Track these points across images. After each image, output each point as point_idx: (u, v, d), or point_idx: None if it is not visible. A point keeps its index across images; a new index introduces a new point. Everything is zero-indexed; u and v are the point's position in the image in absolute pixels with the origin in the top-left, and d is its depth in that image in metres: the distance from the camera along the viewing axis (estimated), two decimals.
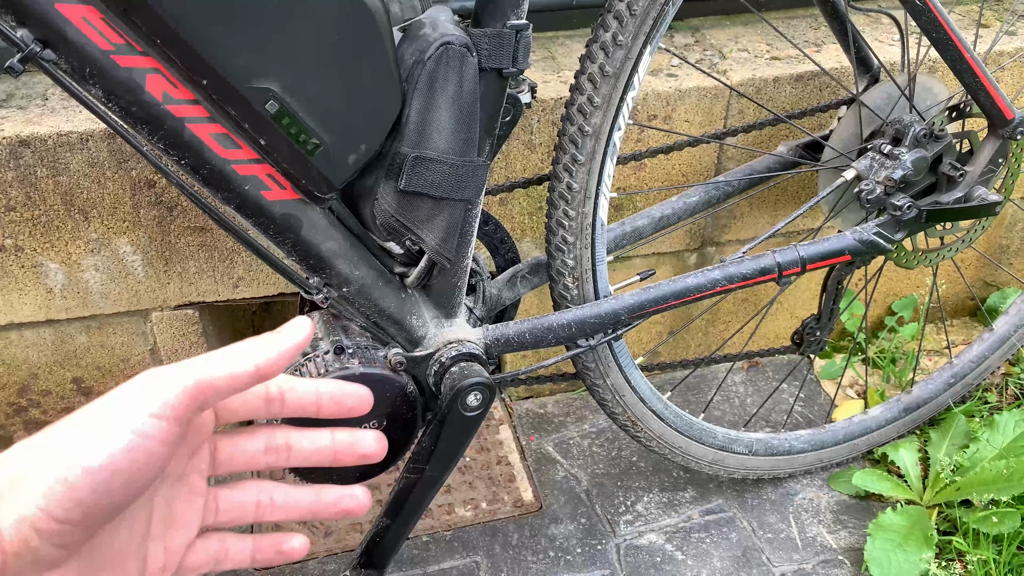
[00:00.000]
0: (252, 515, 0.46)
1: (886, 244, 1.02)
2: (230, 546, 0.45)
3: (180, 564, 0.43)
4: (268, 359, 0.41)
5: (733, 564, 1.21)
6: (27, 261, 1.11)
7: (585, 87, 0.87)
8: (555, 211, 0.93)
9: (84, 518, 0.35)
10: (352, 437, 0.47)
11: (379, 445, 0.47)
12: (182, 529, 0.43)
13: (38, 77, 1.15)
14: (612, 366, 1.04)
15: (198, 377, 0.38)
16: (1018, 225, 1.54)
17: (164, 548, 0.42)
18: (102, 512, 0.35)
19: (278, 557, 0.46)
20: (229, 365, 0.39)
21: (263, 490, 0.46)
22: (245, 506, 0.45)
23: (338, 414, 0.46)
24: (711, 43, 1.34)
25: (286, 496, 0.46)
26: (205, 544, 0.44)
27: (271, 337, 0.42)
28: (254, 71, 0.65)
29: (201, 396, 0.38)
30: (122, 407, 0.37)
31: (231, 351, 0.40)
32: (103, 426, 0.36)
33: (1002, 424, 1.28)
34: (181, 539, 0.43)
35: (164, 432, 0.37)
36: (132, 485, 0.36)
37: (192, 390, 0.38)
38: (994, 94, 1.00)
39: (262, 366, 0.40)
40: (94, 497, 0.35)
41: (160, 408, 0.37)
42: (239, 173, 0.71)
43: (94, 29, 0.61)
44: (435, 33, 0.73)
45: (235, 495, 0.46)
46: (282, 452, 0.46)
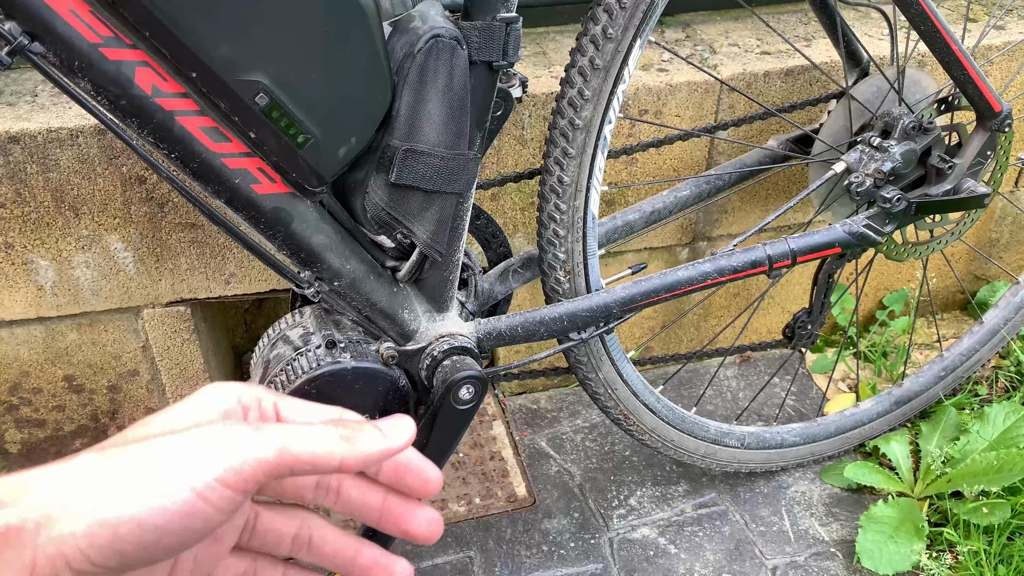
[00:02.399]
0: (287, 547, 0.43)
1: (876, 236, 1.02)
2: (260, 569, 0.43)
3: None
4: (356, 457, 0.37)
5: (726, 557, 1.22)
6: (17, 258, 1.10)
7: (575, 80, 0.87)
8: (546, 205, 0.93)
9: (120, 567, 0.33)
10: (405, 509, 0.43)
11: (431, 529, 0.43)
12: (217, 543, 0.41)
13: (27, 74, 1.15)
14: (604, 360, 1.05)
15: (281, 452, 0.35)
16: (1008, 219, 1.55)
17: (195, 557, 0.40)
18: (140, 563, 0.34)
19: None
20: (316, 449, 0.36)
21: (306, 525, 0.43)
22: (283, 536, 0.43)
23: (394, 485, 0.43)
24: (702, 38, 1.34)
25: (324, 540, 0.44)
26: (237, 562, 0.42)
27: (369, 433, 0.38)
28: (243, 64, 0.65)
29: (275, 473, 0.35)
30: (187, 457, 0.34)
31: (323, 435, 0.37)
32: (161, 474, 0.33)
33: (992, 416, 1.29)
34: (215, 552, 0.41)
35: (225, 500, 0.34)
36: (180, 544, 0.34)
37: (269, 466, 0.35)
38: (982, 87, 1.01)
39: (347, 462, 0.37)
40: (136, 551, 0.33)
41: (230, 475, 0.34)
42: (229, 167, 0.70)
43: (82, 22, 0.61)
44: (425, 26, 0.73)
45: (276, 521, 0.43)
46: (331, 492, 0.43)
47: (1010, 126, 1.05)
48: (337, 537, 0.44)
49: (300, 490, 0.43)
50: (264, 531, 0.43)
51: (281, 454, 0.35)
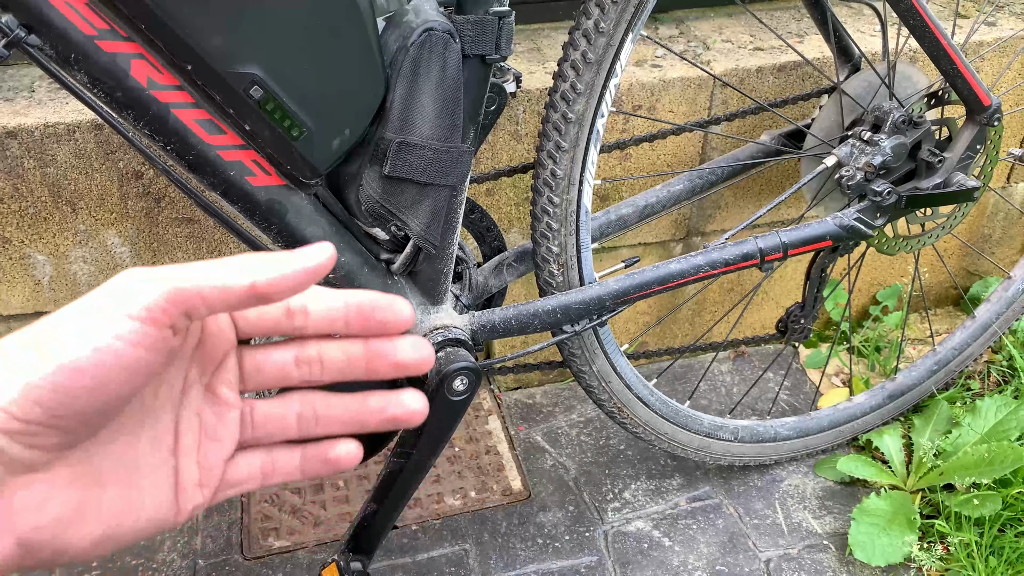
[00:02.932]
0: (294, 429, 0.42)
1: (867, 230, 1.03)
2: (276, 458, 0.42)
3: (222, 479, 0.41)
4: (269, 280, 0.36)
5: (720, 550, 1.22)
6: (15, 253, 1.11)
7: (568, 74, 0.88)
8: (540, 198, 0.94)
9: (49, 419, 0.33)
10: (387, 345, 0.41)
11: (419, 352, 0.41)
12: (216, 443, 0.41)
13: (25, 69, 1.16)
14: (598, 353, 1.05)
15: (181, 283, 0.35)
16: (1000, 214, 1.56)
17: (198, 462, 0.40)
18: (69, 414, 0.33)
19: (327, 467, 0.43)
20: (221, 276, 0.35)
21: (305, 401, 0.42)
22: (286, 419, 0.42)
23: (369, 331, 0.41)
24: (695, 34, 1.35)
25: (329, 406, 0.42)
26: (248, 459, 0.42)
27: (279, 256, 0.37)
28: (237, 56, 0.66)
29: (184, 303, 0.35)
30: (95, 307, 0.34)
31: (228, 262, 0.36)
32: (73, 326, 0.33)
33: (984, 410, 1.30)
34: (217, 454, 0.41)
35: (138, 335, 0.34)
36: (103, 389, 0.34)
37: (174, 294, 0.34)
38: (971, 81, 1.02)
39: (260, 285, 0.36)
40: (55, 397, 0.33)
41: (135, 309, 0.34)
42: (224, 159, 0.71)
43: (78, 14, 0.61)
44: (418, 20, 0.74)
45: (274, 408, 0.42)
46: (314, 365, 0.42)
47: (999, 120, 1.06)
48: (339, 398, 0.43)
49: (283, 371, 0.42)
50: (264, 421, 0.42)
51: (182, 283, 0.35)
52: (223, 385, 0.41)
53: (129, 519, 0.38)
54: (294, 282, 0.36)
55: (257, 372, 0.42)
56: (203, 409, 0.41)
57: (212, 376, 0.41)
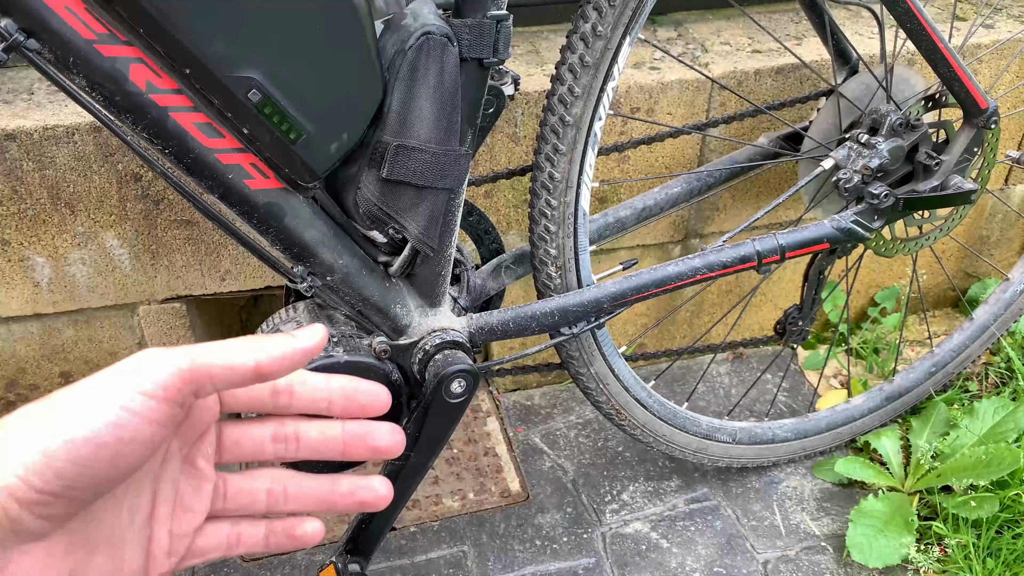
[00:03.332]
0: (263, 504, 0.44)
1: (864, 232, 1.03)
2: (242, 531, 0.44)
3: (189, 548, 0.42)
4: (271, 358, 0.39)
5: (718, 551, 1.23)
6: (14, 255, 1.11)
7: (566, 77, 0.88)
8: (537, 201, 0.94)
9: (64, 490, 0.34)
10: (364, 429, 0.44)
11: (393, 439, 0.45)
12: (189, 513, 0.42)
13: (24, 72, 1.16)
14: (596, 355, 1.06)
15: (193, 361, 0.37)
16: (998, 216, 1.56)
17: (170, 531, 0.41)
18: (85, 487, 0.35)
19: (291, 542, 0.45)
20: (229, 356, 0.38)
21: (276, 479, 0.44)
22: (256, 493, 0.44)
23: (349, 413, 0.44)
24: (693, 37, 1.35)
25: (299, 485, 0.44)
26: (216, 528, 0.43)
27: (280, 338, 0.40)
28: (236, 60, 0.66)
29: (195, 382, 0.37)
30: (112, 383, 0.36)
31: (234, 343, 0.39)
32: (91, 400, 0.35)
33: (982, 411, 1.30)
34: (188, 524, 0.42)
35: (153, 411, 0.36)
36: (117, 462, 0.35)
37: (187, 374, 0.37)
38: (968, 84, 1.02)
39: (263, 364, 0.39)
40: (75, 470, 0.34)
41: (151, 387, 0.36)
42: (222, 162, 0.71)
43: (77, 19, 0.62)
44: (416, 23, 0.74)
45: (246, 482, 0.44)
46: (291, 442, 0.44)
47: (996, 123, 1.07)
48: (310, 479, 0.45)
49: (259, 446, 0.44)
50: (236, 494, 0.44)
51: (195, 362, 0.37)
52: (201, 457, 0.43)
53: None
54: (292, 362, 0.40)
55: (234, 445, 0.44)
56: (180, 480, 0.42)
57: (192, 447, 0.42)
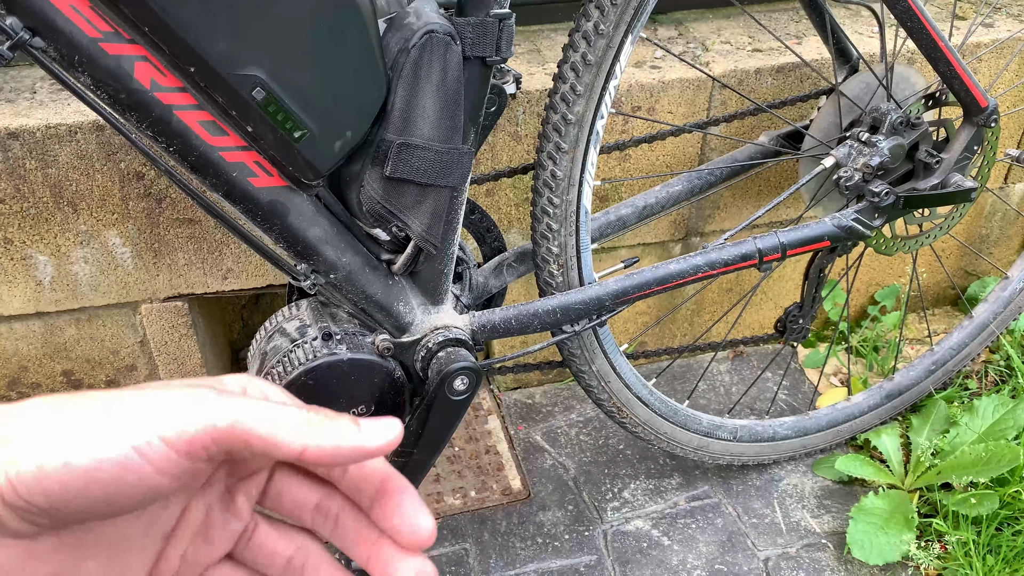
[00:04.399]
0: (278, 568, 0.41)
1: (865, 230, 1.04)
2: None
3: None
4: (321, 449, 0.34)
5: (718, 549, 1.23)
6: (16, 253, 1.12)
7: (568, 76, 0.88)
8: (540, 199, 0.94)
9: (50, 508, 0.32)
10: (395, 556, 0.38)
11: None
12: (210, 545, 0.39)
13: (27, 71, 1.16)
14: (597, 352, 1.06)
15: (235, 423, 0.33)
16: (997, 214, 1.57)
17: (183, 556, 0.38)
18: (70, 512, 0.32)
19: None
20: (276, 429, 0.33)
21: (303, 550, 0.40)
22: (278, 555, 0.40)
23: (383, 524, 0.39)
24: (694, 36, 1.36)
25: (318, 570, 0.40)
26: (230, 572, 0.40)
27: (342, 424, 0.34)
28: (240, 58, 0.66)
29: (229, 444, 0.33)
30: (138, 413, 0.32)
31: (288, 415, 0.34)
32: (107, 425, 0.32)
33: (981, 409, 1.31)
34: (205, 555, 0.39)
35: (167, 461, 0.32)
36: (112, 500, 0.32)
37: (221, 434, 0.33)
38: (968, 82, 1.02)
39: (310, 451, 0.34)
40: (62, 494, 0.31)
41: (174, 435, 0.32)
42: (226, 160, 0.72)
43: (82, 17, 0.62)
44: (419, 22, 0.74)
45: (274, 538, 0.40)
46: (329, 520, 0.40)
47: (996, 121, 1.07)
48: (333, 570, 0.41)
49: (299, 509, 0.40)
50: (260, 545, 0.41)
51: (235, 425, 0.33)
52: (243, 494, 0.40)
53: None
54: (344, 458, 0.35)
55: (277, 496, 0.40)
56: (214, 508, 0.39)
57: (239, 481, 0.40)
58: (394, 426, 0.35)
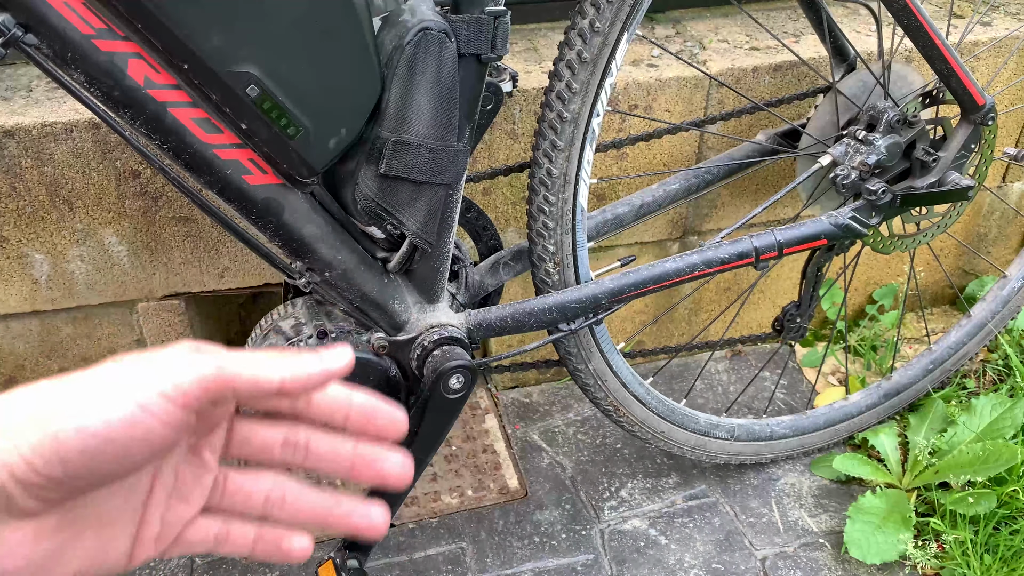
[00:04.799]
0: (259, 507, 0.43)
1: (861, 228, 1.04)
2: (232, 530, 0.43)
3: (177, 537, 0.42)
4: (296, 377, 0.39)
5: (716, 548, 1.23)
6: (12, 252, 1.11)
7: (563, 73, 0.88)
8: (536, 197, 0.94)
9: (66, 477, 0.34)
10: (376, 454, 0.43)
11: (403, 470, 0.43)
12: (184, 503, 0.41)
13: (23, 69, 1.16)
14: (594, 351, 1.06)
15: (220, 371, 0.37)
16: (995, 213, 1.57)
17: (162, 517, 0.41)
18: (86, 476, 0.35)
19: (278, 554, 0.43)
20: (256, 370, 0.38)
21: (278, 485, 0.43)
22: (254, 495, 0.43)
23: (365, 432, 0.43)
24: (691, 34, 1.35)
25: (298, 496, 0.43)
26: (207, 523, 0.43)
27: (307, 357, 0.40)
28: (234, 55, 0.66)
29: (217, 391, 0.37)
30: (135, 377, 0.35)
31: (263, 357, 0.38)
32: (109, 391, 0.35)
33: (979, 408, 1.30)
34: (182, 512, 0.41)
35: (169, 414, 0.35)
36: (124, 458, 0.35)
37: (209, 382, 0.36)
38: (965, 80, 1.02)
39: (288, 383, 0.38)
40: (80, 459, 0.34)
41: (172, 390, 0.35)
42: (221, 157, 0.72)
43: (75, 13, 0.62)
44: (414, 19, 0.74)
45: (247, 482, 0.43)
46: (300, 450, 0.43)
47: (993, 119, 1.07)
48: (311, 492, 0.44)
49: (268, 448, 0.43)
50: (234, 492, 0.43)
51: (221, 371, 0.36)
52: (208, 449, 0.42)
53: (95, 565, 0.39)
54: (316, 383, 0.40)
55: (243, 442, 0.43)
56: (182, 468, 0.41)
57: (202, 438, 0.42)
58: (346, 352, 0.41)
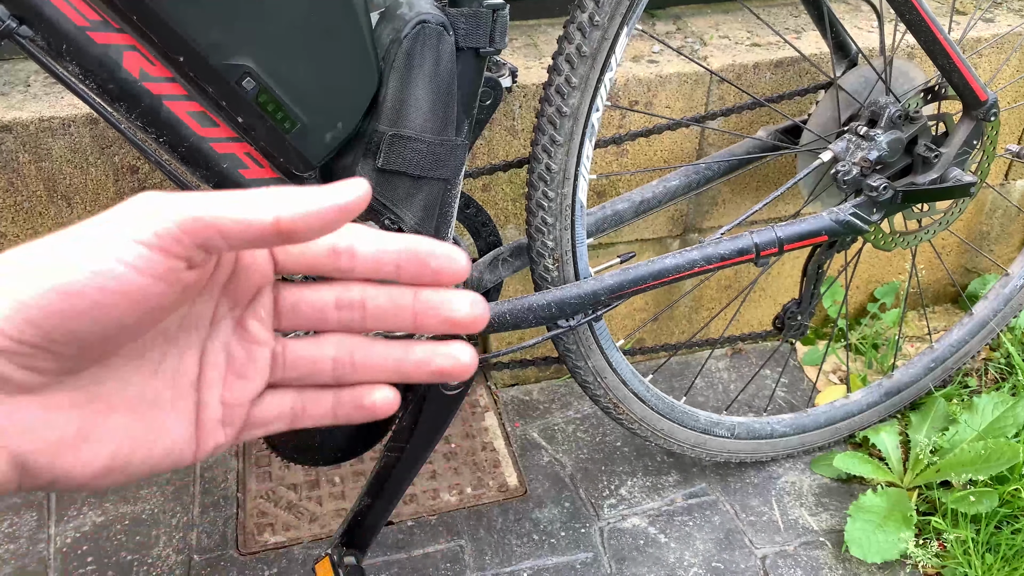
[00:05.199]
0: (329, 373, 0.40)
1: (863, 225, 1.03)
2: (307, 401, 0.40)
3: (248, 418, 0.39)
4: (294, 215, 0.33)
5: (716, 546, 1.22)
6: (9, 248, 1.11)
7: (563, 68, 0.87)
8: (535, 192, 0.93)
9: (43, 342, 0.31)
10: (440, 297, 0.37)
11: (474, 310, 0.38)
12: (243, 380, 0.38)
13: (20, 64, 1.16)
14: (593, 348, 1.05)
15: (198, 211, 0.32)
16: (998, 211, 1.56)
17: (222, 399, 0.38)
18: (64, 341, 0.32)
19: (360, 412, 0.40)
20: (242, 209, 0.32)
21: (342, 345, 0.39)
22: (320, 362, 0.39)
23: (421, 280, 0.37)
24: (692, 30, 1.35)
25: (368, 353, 0.39)
26: (278, 398, 0.40)
27: (309, 191, 0.34)
28: (230, 48, 0.66)
29: (200, 234, 0.32)
30: (104, 229, 0.32)
31: (251, 194, 0.33)
32: (77, 247, 0.31)
33: (981, 406, 1.30)
34: (243, 391, 0.38)
35: (147, 262, 0.31)
36: (99, 316, 0.32)
37: (190, 224, 0.32)
38: (968, 76, 1.01)
39: (285, 221, 0.33)
40: (50, 321, 0.31)
41: (146, 236, 0.31)
42: (217, 151, 0.71)
43: (70, 5, 0.61)
44: (411, 12, 0.74)
45: (308, 349, 0.39)
46: (356, 309, 0.38)
47: (996, 115, 1.06)
48: (381, 345, 0.39)
49: (322, 313, 0.39)
50: (297, 362, 0.40)
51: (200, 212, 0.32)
52: (255, 321, 0.38)
53: (141, 450, 0.36)
54: (323, 220, 0.33)
55: (293, 311, 0.39)
56: (232, 344, 0.38)
57: (244, 311, 0.38)
58: (360, 183, 0.34)
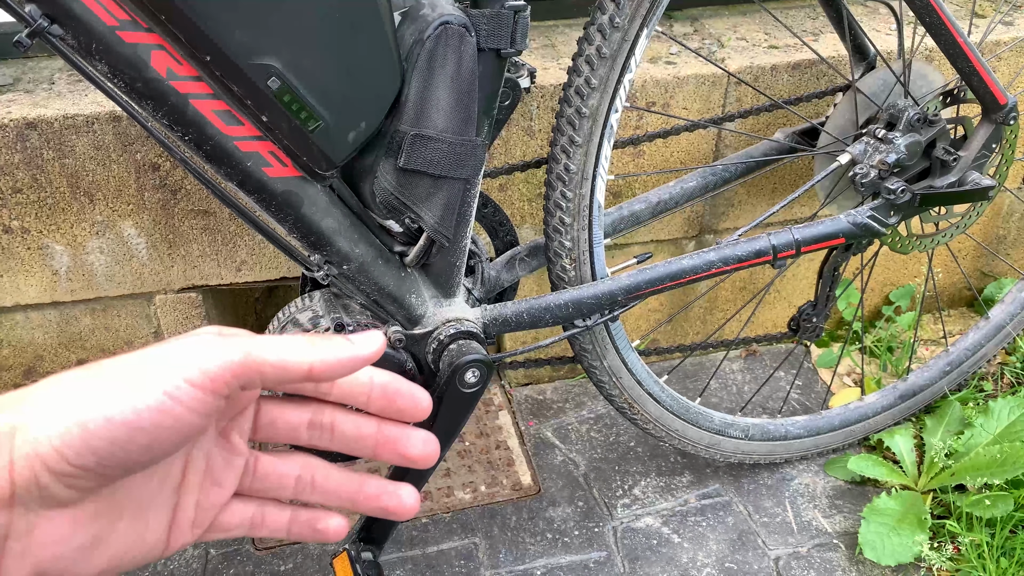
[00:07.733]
0: (291, 490, 0.44)
1: (880, 228, 1.03)
2: (267, 513, 0.44)
3: (213, 522, 0.42)
4: (325, 363, 0.38)
5: (729, 547, 1.23)
6: (33, 243, 1.12)
7: (583, 69, 0.88)
8: (553, 192, 0.94)
9: (97, 467, 0.34)
10: (398, 433, 0.43)
11: (426, 449, 0.44)
12: (217, 487, 0.42)
13: (45, 61, 1.17)
14: (609, 348, 1.06)
15: (247, 356, 0.36)
16: (1015, 215, 1.55)
17: (196, 503, 0.41)
18: (117, 465, 0.35)
19: (313, 534, 0.44)
20: (284, 354, 0.37)
21: (307, 466, 0.44)
22: (285, 478, 0.44)
23: (386, 413, 0.43)
24: (710, 32, 1.35)
25: (328, 478, 0.44)
26: (242, 507, 0.43)
27: (338, 342, 0.39)
28: (256, 48, 0.67)
29: (244, 376, 0.36)
30: (161, 365, 0.35)
31: (290, 341, 0.38)
32: (136, 379, 0.35)
33: (996, 410, 1.29)
34: (216, 497, 0.42)
35: (196, 401, 0.35)
36: (154, 446, 0.35)
37: (237, 367, 0.36)
38: (987, 79, 1.01)
39: (317, 368, 0.38)
40: (110, 449, 0.34)
41: (199, 376, 0.35)
42: (241, 149, 0.72)
43: (100, 5, 0.62)
44: (434, 13, 0.74)
45: (277, 465, 0.44)
46: (325, 431, 0.43)
47: (1015, 119, 1.06)
48: (340, 473, 0.44)
49: (294, 430, 0.43)
50: (265, 475, 0.44)
51: (248, 356, 0.36)
52: (237, 432, 0.42)
53: (132, 550, 0.39)
54: (346, 368, 0.39)
55: (270, 425, 0.43)
56: (213, 452, 0.42)
57: (229, 422, 0.42)
58: (377, 336, 0.40)
